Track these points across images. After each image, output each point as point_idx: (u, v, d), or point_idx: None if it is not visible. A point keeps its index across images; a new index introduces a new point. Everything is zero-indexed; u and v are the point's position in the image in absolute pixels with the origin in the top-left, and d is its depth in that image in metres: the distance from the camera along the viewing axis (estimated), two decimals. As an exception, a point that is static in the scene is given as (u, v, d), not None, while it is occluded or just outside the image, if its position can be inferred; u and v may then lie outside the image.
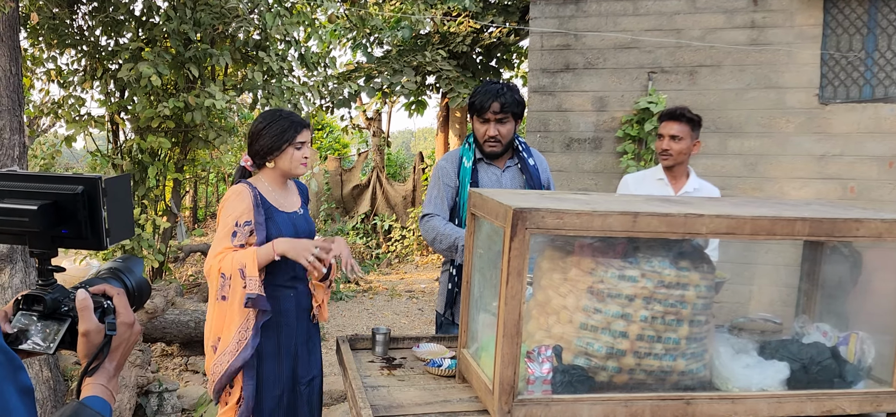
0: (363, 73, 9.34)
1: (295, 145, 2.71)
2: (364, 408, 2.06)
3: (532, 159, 3.05)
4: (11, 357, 0.91)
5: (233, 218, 2.63)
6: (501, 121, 2.90)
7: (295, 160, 2.73)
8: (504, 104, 2.88)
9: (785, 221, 1.93)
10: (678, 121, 3.29)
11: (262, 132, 2.71)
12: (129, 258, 1.31)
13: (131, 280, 1.28)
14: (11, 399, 0.90)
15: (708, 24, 5.59)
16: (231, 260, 2.58)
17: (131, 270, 1.29)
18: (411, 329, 7.29)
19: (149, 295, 1.32)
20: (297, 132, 2.71)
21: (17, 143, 3.76)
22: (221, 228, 2.65)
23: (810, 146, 5.40)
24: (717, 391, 2.05)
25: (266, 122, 2.72)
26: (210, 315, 2.70)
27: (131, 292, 1.27)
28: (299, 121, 2.74)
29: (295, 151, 2.72)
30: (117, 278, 1.26)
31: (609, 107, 5.85)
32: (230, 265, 2.58)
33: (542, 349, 1.93)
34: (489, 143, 2.93)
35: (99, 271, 1.28)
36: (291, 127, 2.70)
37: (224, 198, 2.70)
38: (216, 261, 2.61)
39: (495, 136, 2.91)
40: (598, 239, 2.01)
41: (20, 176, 1.17)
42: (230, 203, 2.66)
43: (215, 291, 2.63)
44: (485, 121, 2.91)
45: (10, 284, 3.75)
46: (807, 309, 2.38)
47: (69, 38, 6.20)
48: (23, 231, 1.14)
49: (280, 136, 2.69)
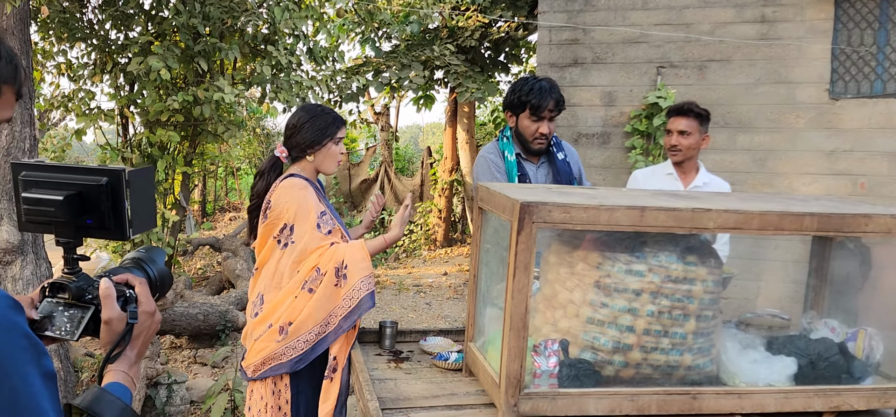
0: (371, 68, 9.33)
1: (335, 141, 2.73)
2: (371, 400, 2.07)
3: (562, 153, 3.06)
4: (35, 342, 0.93)
5: (310, 208, 2.60)
6: (552, 119, 2.93)
7: (333, 156, 2.74)
8: (558, 101, 2.92)
9: (793, 216, 1.92)
10: (686, 116, 3.28)
11: (305, 125, 2.70)
12: (151, 248, 1.34)
13: (154, 269, 1.31)
14: (35, 383, 0.92)
15: (717, 18, 5.56)
16: (330, 255, 2.56)
17: (154, 260, 1.32)
18: (418, 323, 7.31)
19: (171, 285, 1.35)
20: (339, 128, 2.73)
21: (28, 136, 3.78)
22: (304, 222, 2.60)
23: (820, 141, 5.36)
24: (723, 385, 2.05)
25: (309, 116, 2.71)
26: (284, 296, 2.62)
27: (154, 281, 1.30)
28: (341, 118, 2.76)
29: (334, 147, 2.73)
30: (140, 268, 1.29)
31: (617, 102, 5.83)
32: (329, 260, 2.55)
33: (548, 343, 1.94)
34: (538, 140, 2.95)
35: (123, 260, 1.30)
36: (334, 122, 2.72)
37: (285, 193, 2.63)
38: (313, 257, 2.57)
39: (546, 134, 2.94)
40: (604, 233, 2.00)
41: (47, 166, 1.21)
42: (304, 197, 2.62)
43: (301, 281, 2.58)
44: (539, 119, 2.92)
45: (21, 276, 3.78)
46: (815, 305, 2.37)
47: (79, 31, 6.24)
48: (49, 220, 1.18)
49: (323, 131, 2.69)
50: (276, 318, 2.61)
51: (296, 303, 2.58)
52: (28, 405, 0.90)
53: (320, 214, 2.62)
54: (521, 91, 2.95)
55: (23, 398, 0.90)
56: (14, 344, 0.90)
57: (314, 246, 2.58)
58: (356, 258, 2.56)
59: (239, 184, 18.74)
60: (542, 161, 3.05)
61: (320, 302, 2.54)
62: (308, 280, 2.58)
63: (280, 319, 2.60)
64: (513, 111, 3.00)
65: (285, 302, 2.61)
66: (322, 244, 2.58)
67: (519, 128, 2.99)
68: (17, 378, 0.89)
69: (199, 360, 5.72)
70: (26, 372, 0.91)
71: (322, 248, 2.58)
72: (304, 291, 2.58)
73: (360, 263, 2.55)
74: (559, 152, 3.06)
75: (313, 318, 2.55)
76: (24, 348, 0.91)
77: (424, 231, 12.12)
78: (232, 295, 6.81)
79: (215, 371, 5.47)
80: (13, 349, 0.90)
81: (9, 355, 0.89)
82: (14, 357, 0.90)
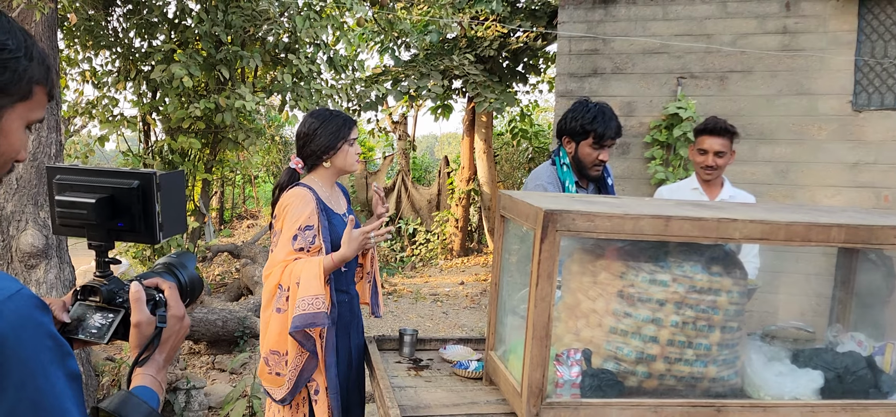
0: (390, 77, 9.38)
1: (349, 142, 2.71)
2: (392, 408, 2.07)
3: (610, 177, 3.07)
4: (61, 343, 0.93)
5: (296, 222, 2.56)
6: (610, 147, 2.92)
7: (350, 156, 2.73)
8: (619, 129, 2.90)
9: (820, 228, 1.90)
10: (721, 136, 3.23)
11: (317, 132, 2.68)
12: (182, 253, 1.35)
13: (184, 274, 1.32)
14: (58, 384, 0.92)
15: (739, 29, 5.53)
16: (290, 272, 2.52)
17: (184, 265, 1.33)
18: (435, 332, 7.30)
19: (201, 291, 1.36)
20: (351, 129, 2.72)
21: (54, 141, 3.83)
22: (284, 233, 2.57)
23: (843, 153, 5.31)
24: (748, 399, 2.03)
25: (320, 122, 2.70)
26: (265, 324, 2.62)
27: (184, 286, 1.31)
28: (351, 119, 2.75)
29: (349, 147, 2.72)
30: (170, 272, 1.30)
31: (637, 113, 5.81)
32: (289, 277, 2.52)
33: (571, 352, 1.93)
34: (596, 167, 2.93)
35: (154, 265, 1.31)
36: (345, 124, 2.71)
37: (284, 201, 2.62)
38: (277, 271, 2.54)
39: (605, 160, 2.93)
40: (628, 242, 1.99)
41: (80, 170, 1.22)
42: (294, 206, 2.58)
43: (270, 300, 2.57)
44: (601, 147, 2.89)
45: (45, 279, 3.83)
46: (841, 318, 2.34)
47: (104, 39, 6.31)
48: (81, 223, 1.20)
49: (336, 134, 2.68)
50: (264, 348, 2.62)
51: (272, 328, 2.57)
52: (52, 405, 0.90)
53: (305, 228, 2.55)
54: (583, 118, 2.88)
55: (47, 398, 0.90)
56: (39, 344, 0.90)
57: (279, 260, 2.55)
58: (310, 275, 2.49)
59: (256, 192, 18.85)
60: (591, 186, 3.04)
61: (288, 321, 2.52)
62: (275, 299, 2.55)
63: (266, 349, 2.60)
64: (573, 137, 2.93)
65: (267, 329, 2.61)
66: (286, 259, 2.54)
67: (578, 155, 2.93)
68: (41, 378, 0.89)
69: (218, 366, 5.74)
70: (50, 373, 0.91)
71: (285, 263, 2.54)
72: (274, 312, 2.56)
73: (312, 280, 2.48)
74: (609, 177, 3.06)
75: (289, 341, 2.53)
76: (49, 348, 0.91)
77: (441, 240, 12.11)
78: (250, 301, 6.84)
79: (233, 377, 5.49)
80: (38, 349, 0.90)
81: (33, 355, 0.89)
82: (39, 357, 0.90)
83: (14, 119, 1.00)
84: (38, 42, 1.02)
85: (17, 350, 0.87)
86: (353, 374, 2.80)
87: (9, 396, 0.87)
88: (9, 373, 0.87)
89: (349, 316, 2.78)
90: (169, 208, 1.22)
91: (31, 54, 1.00)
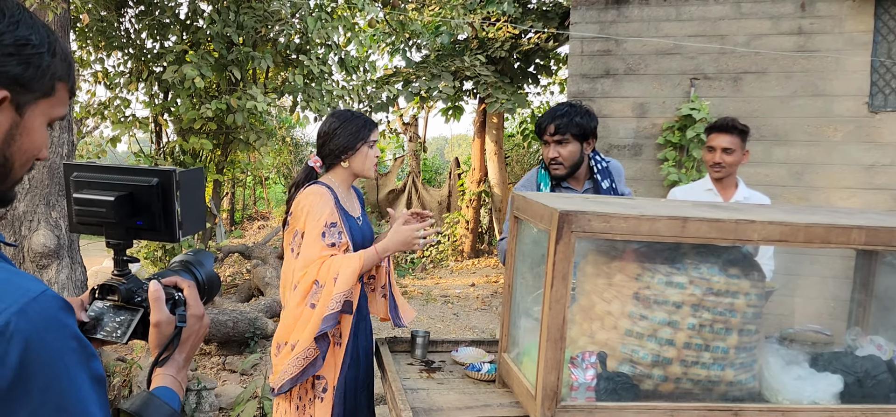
0: (401, 78, 9.37)
1: (368, 144, 2.70)
2: (404, 410, 2.05)
3: (607, 180, 2.96)
4: (85, 344, 0.91)
5: (321, 219, 2.55)
6: (560, 143, 2.87)
7: (369, 159, 2.71)
8: (558, 126, 2.84)
9: (840, 229, 1.87)
10: (730, 133, 3.23)
11: (337, 131, 2.68)
12: (199, 251, 1.33)
13: (202, 273, 1.30)
14: (83, 387, 0.90)
15: (753, 29, 5.48)
16: (328, 267, 2.51)
17: (202, 263, 1.31)
18: (447, 334, 7.27)
19: (219, 289, 1.34)
20: (371, 131, 2.71)
21: (66, 141, 3.84)
22: (311, 231, 2.55)
23: (859, 155, 5.25)
24: (766, 403, 1.99)
25: (340, 121, 2.69)
26: (288, 316, 2.60)
27: (202, 285, 1.29)
28: (372, 121, 2.73)
29: (368, 150, 2.70)
30: (188, 271, 1.28)
31: (650, 114, 5.77)
32: (326, 273, 2.50)
33: (586, 355, 1.90)
34: (552, 165, 2.91)
35: (171, 263, 1.29)
36: (365, 125, 2.69)
37: (303, 200, 2.60)
38: (314, 268, 2.52)
39: (555, 158, 2.88)
40: (644, 244, 1.97)
41: (97, 167, 1.20)
42: (316, 205, 2.57)
43: (303, 296, 2.55)
44: (545, 144, 2.89)
45: (57, 279, 3.83)
46: (860, 321, 2.30)
47: (116, 40, 6.34)
48: (100, 221, 1.18)
49: (355, 135, 2.67)
50: (285, 339, 2.60)
51: (303, 321, 2.55)
52: (76, 409, 0.88)
53: (330, 224, 2.56)
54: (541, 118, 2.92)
55: (72, 402, 0.88)
56: (64, 346, 0.88)
57: (314, 257, 2.54)
58: (348, 272, 2.49)
59: (267, 194, 18.90)
60: (587, 188, 2.96)
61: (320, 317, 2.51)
62: (309, 295, 2.54)
63: (293, 338, 2.58)
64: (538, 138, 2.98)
65: (294, 323, 2.58)
66: (322, 255, 2.53)
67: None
68: (65, 380, 0.87)
69: (228, 367, 5.74)
70: (75, 376, 0.89)
71: (322, 259, 2.53)
72: (307, 306, 2.54)
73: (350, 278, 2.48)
74: (604, 180, 2.95)
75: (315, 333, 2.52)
76: (74, 350, 0.89)
77: (452, 242, 12.09)
78: (261, 302, 6.84)
79: (244, 378, 5.48)
80: (63, 351, 0.88)
81: (58, 357, 0.87)
82: (64, 359, 0.88)
83: (37, 115, 0.99)
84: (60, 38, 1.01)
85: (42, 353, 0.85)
86: (360, 376, 2.78)
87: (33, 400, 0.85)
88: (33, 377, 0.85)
89: (357, 317, 2.77)
90: (188, 206, 1.20)
91: (54, 50, 0.99)
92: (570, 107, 2.88)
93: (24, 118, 0.97)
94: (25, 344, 0.84)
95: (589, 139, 2.89)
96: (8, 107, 0.95)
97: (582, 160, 2.90)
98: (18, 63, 0.94)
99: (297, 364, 2.56)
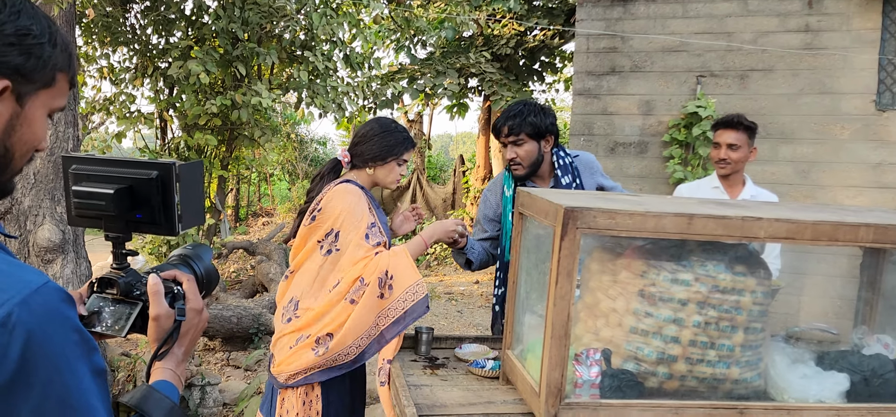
0: (406, 75, 9.36)
1: (399, 161, 2.70)
2: (408, 407, 2.04)
3: (568, 177, 2.92)
4: (87, 337, 0.91)
5: (364, 220, 2.55)
6: (517, 144, 2.84)
7: (393, 174, 2.71)
8: (512, 127, 2.81)
9: (848, 227, 1.85)
10: (735, 129, 3.21)
11: (375, 138, 2.67)
12: (198, 245, 1.32)
13: (200, 267, 1.29)
14: (85, 379, 0.90)
15: (760, 27, 5.45)
16: (374, 265, 2.50)
17: (200, 257, 1.30)
18: (450, 331, 7.27)
19: (217, 283, 1.33)
20: (407, 150, 2.71)
21: (72, 136, 3.84)
22: (353, 232, 2.54)
23: (866, 154, 5.22)
24: (772, 401, 1.98)
25: (381, 130, 2.69)
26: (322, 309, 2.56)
27: (200, 279, 1.28)
28: (410, 140, 2.74)
29: (397, 167, 2.70)
30: (187, 265, 1.28)
31: (656, 111, 5.74)
32: (373, 271, 2.49)
33: (590, 352, 1.89)
34: (513, 166, 2.89)
35: (170, 257, 1.29)
36: (402, 143, 2.69)
37: (336, 199, 2.58)
38: (359, 267, 2.51)
39: (513, 159, 2.86)
40: (649, 241, 1.95)
41: (96, 160, 1.19)
42: (355, 207, 2.57)
43: (345, 291, 2.52)
44: (503, 145, 2.88)
45: (62, 274, 3.84)
46: (867, 320, 2.29)
47: (122, 35, 6.35)
48: (99, 214, 1.17)
49: (390, 149, 2.66)
50: (317, 329, 2.55)
51: (337, 315, 2.52)
52: (79, 402, 0.88)
53: (370, 225, 2.57)
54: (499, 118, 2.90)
55: (74, 395, 0.88)
56: (66, 339, 0.88)
57: (360, 256, 2.52)
58: (401, 265, 2.50)
59: (272, 190, 18.92)
60: (552, 185, 2.94)
61: (362, 313, 2.49)
62: (351, 291, 2.51)
63: (321, 330, 2.54)
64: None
65: (327, 313, 2.55)
66: (368, 254, 2.53)
67: None
68: (68, 373, 0.87)
69: (232, 363, 5.75)
70: (77, 368, 0.89)
71: (367, 259, 2.52)
72: (346, 302, 2.52)
73: (405, 270, 2.50)
74: (564, 176, 2.91)
75: (355, 331, 2.49)
76: (76, 343, 0.89)
77: (456, 239, 12.07)
78: (265, 298, 6.84)
79: (248, 373, 5.49)
80: (65, 344, 0.88)
81: (60, 350, 0.87)
82: (65, 352, 0.87)
83: (37, 106, 0.99)
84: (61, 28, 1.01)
85: (44, 346, 0.85)
86: (357, 372, 2.76)
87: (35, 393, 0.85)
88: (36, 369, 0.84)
89: None
90: (188, 199, 1.19)
91: (54, 40, 0.99)
92: (524, 106, 2.85)
93: (25, 108, 0.97)
94: (28, 336, 0.84)
95: (546, 136, 2.85)
96: (9, 97, 0.95)
97: (541, 158, 2.87)
98: (20, 53, 0.94)
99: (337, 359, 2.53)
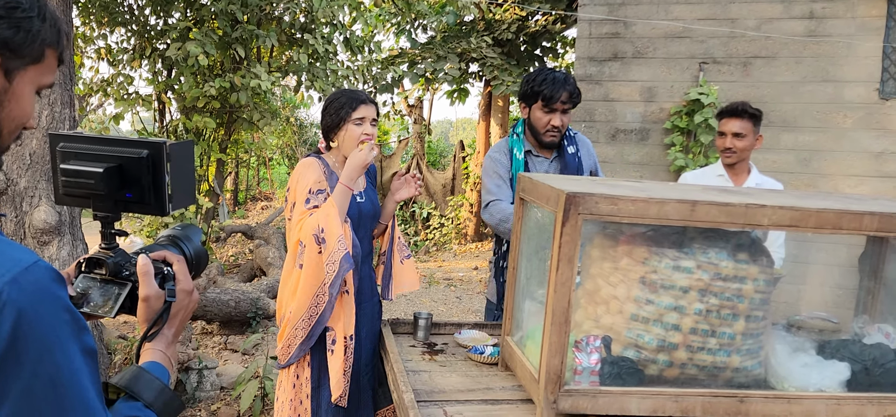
0: (407, 59, 9.30)
1: (353, 121, 2.62)
2: (406, 392, 2.03)
3: (573, 146, 2.98)
4: (77, 317, 0.90)
5: (306, 185, 2.56)
6: (566, 112, 2.85)
7: (352, 136, 2.63)
8: (572, 94, 2.84)
9: (852, 215, 1.83)
10: (740, 117, 3.19)
11: (326, 109, 2.68)
12: (187, 226, 1.30)
13: (190, 248, 1.27)
14: (76, 359, 0.89)
15: (764, 13, 5.40)
16: (307, 225, 2.50)
17: (190, 238, 1.29)
18: (449, 316, 7.27)
19: (207, 264, 1.31)
20: (354, 108, 2.62)
21: (68, 116, 3.81)
22: (300, 198, 2.56)
23: (869, 142, 5.19)
24: (772, 389, 1.96)
25: (328, 103, 2.69)
26: (284, 287, 2.63)
27: (190, 260, 1.26)
28: (357, 97, 2.65)
29: (353, 127, 2.63)
30: (176, 245, 1.26)
31: (658, 98, 5.71)
32: (307, 231, 2.49)
33: (590, 339, 1.87)
34: (551, 133, 2.88)
35: (158, 238, 1.27)
36: (348, 102, 2.63)
37: (293, 173, 2.64)
38: (296, 231, 2.53)
39: (558, 126, 2.86)
40: (651, 227, 1.93)
41: (86, 138, 1.17)
42: (302, 174, 2.60)
43: (292, 260, 2.58)
44: (551, 111, 2.85)
45: (58, 256, 3.82)
46: (868, 309, 2.27)
47: (120, 16, 6.30)
48: (88, 193, 1.14)
49: (338, 112, 2.63)
50: (283, 305, 2.63)
51: (291, 284, 2.58)
52: (69, 381, 0.87)
53: (316, 192, 2.56)
54: (534, 81, 2.87)
55: (64, 374, 0.87)
56: (56, 318, 0.87)
57: (296, 220, 2.55)
58: (330, 217, 2.47)
59: (271, 174, 18.88)
60: (555, 156, 2.97)
61: (308, 275, 2.51)
62: (297, 256, 2.55)
63: (285, 305, 2.61)
64: (526, 101, 2.93)
65: (286, 286, 2.61)
66: (302, 217, 2.54)
67: (531, 120, 2.92)
68: (58, 353, 0.86)
69: (230, 347, 5.74)
70: (68, 348, 0.87)
71: (302, 220, 2.53)
72: (296, 268, 2.56)
73: (333, 221, 2.47)
74: (570, 145, 2.97)
75: (306, 296, 2.52)
76: (67, 322, 0.88)
77: (455, 225, 12.06)
78: (263, 282, 6.83)
79: (245, 357, 5.48)
80: (55, 323, 0.87)
81: (51, 330, 0.86)
82: (56, 331, 0.86)
83: (25, 82, 0.97)
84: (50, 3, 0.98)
85: (35, 325, 0.84)
86: (364, 357, 2.75)
87: (25, 372, 0.84)
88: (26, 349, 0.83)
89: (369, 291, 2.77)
90: (179, 179, 1.17)
91: (43, 15, 0.97)
92: (570, 75, 2.90)
93: (13, 84, 0.95)
94: (18, 315, 0.83)
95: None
96: None
97: None
98: (8, 26, 0.92)
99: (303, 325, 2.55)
